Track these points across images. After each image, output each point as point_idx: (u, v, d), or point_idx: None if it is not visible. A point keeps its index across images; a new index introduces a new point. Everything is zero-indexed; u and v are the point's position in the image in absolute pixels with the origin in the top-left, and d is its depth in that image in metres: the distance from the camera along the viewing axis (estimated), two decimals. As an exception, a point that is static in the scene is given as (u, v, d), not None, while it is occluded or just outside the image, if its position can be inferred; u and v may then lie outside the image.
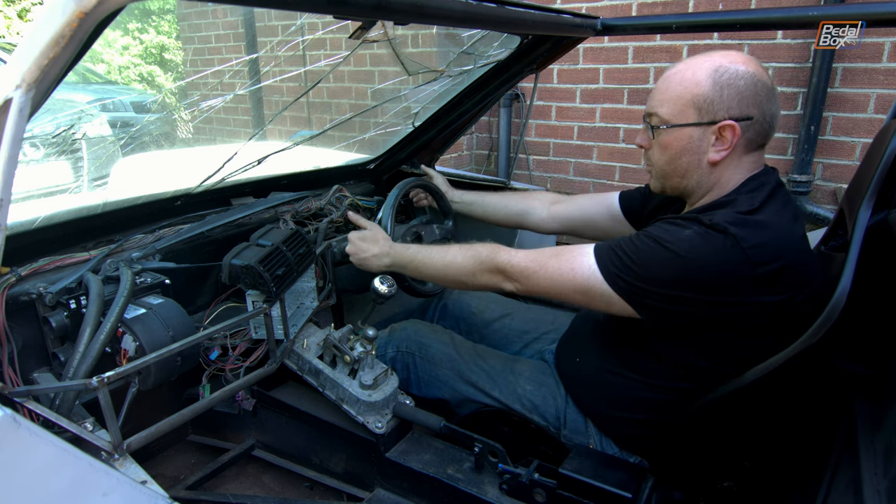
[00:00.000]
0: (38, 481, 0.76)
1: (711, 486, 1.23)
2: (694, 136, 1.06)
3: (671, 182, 1.15)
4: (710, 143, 1.06)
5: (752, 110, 1.02)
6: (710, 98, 1.03)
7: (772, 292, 0.98)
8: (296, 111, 4.54)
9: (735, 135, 1.03)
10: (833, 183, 2.81)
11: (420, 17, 0.96)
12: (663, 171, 1.14)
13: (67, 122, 1.85)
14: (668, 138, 1.09)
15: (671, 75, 1.09)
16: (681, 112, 1.06)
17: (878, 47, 2.53)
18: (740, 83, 1.01)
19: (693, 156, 1.08)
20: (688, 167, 1.10)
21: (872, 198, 1.00)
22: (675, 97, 1.07)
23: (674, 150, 1.10)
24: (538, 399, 1.32)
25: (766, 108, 1.03)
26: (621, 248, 1.05)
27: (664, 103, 1.09)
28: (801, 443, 1.17)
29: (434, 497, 1.26)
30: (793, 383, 1.04)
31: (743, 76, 1.01)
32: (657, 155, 1.14)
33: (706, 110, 1.04)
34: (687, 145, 1.08)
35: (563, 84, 3.45)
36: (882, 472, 0.84)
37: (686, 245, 0.98)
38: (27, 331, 1.09)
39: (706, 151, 1.07)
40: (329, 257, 1.55)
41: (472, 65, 1.76)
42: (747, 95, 1.01)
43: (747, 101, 1.02)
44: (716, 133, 1.04)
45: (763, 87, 1.02)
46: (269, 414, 1.52)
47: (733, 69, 1.02)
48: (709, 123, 1.04)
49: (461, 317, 1.70)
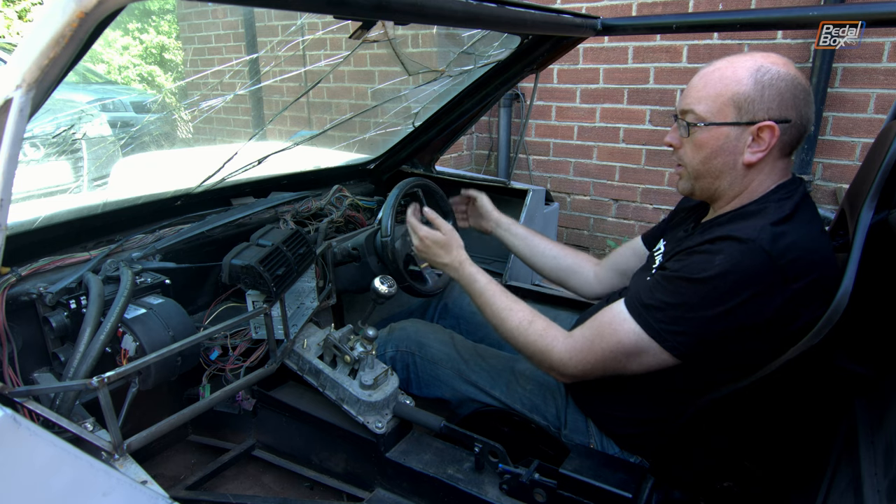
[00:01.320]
0: (38, 481, 0.76)
1: (711, 486, 1.23)
2: (731, 135, 1.04)
3: (702, 183, 1.11)
4: (747, 143, 1.03)
5: (791, 113, 1.00)
6: (751, 97, 1.00)
7: (805, 306, 0.97)
8: (296, 111, 4.54)
9: (773, 136, 1.01)
10: (833, 183, 2.81)
11: (420, 17, 0.96)
12: (696, 171, 1.11)
13: (67, 122, 1.85)
14: (704, 137, 1.06)
15: (709, 73, 1.06)
16: (719, 110, 1.04)
17: (878, 47, 2.53)
18: (781, 84, 0.99)
19: (728, 156, 1.05)
20: (722, 168, 1.07)
21: (874, 198, 1.00)
22: (713, 94, 1.04)
23: (709, 149, 1.07)
24: (538, 399, 1.32)
25: (803, 111, 1.01)
26: (652, 297, 1.03)
27: (701, 101, 1.06)
28: (802, 443, 1.17)
29: (434, 497, 1.26)
30: (793, 383, 1.04)
31: (784, 77, 1.00)
32: (690, 154, 1.10)
33: (746, 109, 1.01)
34: (723, 145, 1.05)
35: (563, 84, 3.45)
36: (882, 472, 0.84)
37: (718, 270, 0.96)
38: (27, 331, 1.09)
39: (742, 152, 1.04)
40: (329, 257, 1.55)
41: (472, 65, 1.76)
42: (787, 97, 0.99)
43: (787, 104, 1.00)
44: (753, 134, 1.02)
45: (802, 91, 1.00)
46: (269, 414, 1.52)
47: (775, 70, 1.00)
48: (748, 123, 1.01)
49: (462, 316, 1.70)
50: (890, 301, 1.06)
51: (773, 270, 0.94)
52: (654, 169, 3.29)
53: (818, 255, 0.97)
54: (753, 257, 0.94)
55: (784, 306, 0.96)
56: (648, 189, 3.35)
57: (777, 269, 0.94)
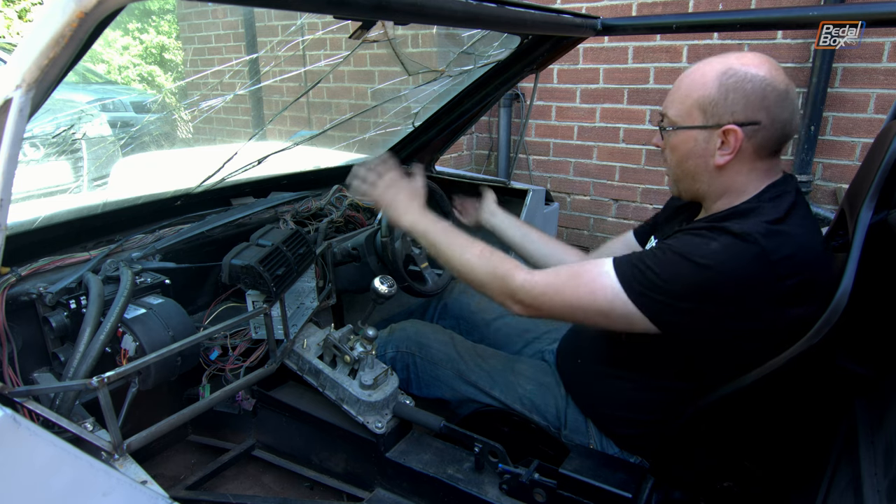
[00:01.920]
0: (38, 481, 0.76)
1: (711, 486, 1.23)
2: (699, 138, 1.04)
3: (683, 185, 1.13)
4: (716, 146, 1.03)
5: (759, 115, 0.99)
6: (715, 100, 1.00)
7: (795, 304, 0.96)
8: (296, 111, 4.54)
9: (738, 140, 1.00)
10: (833, 183, 2.81)
11: (420, 17, 0.96)
12: (675, 174, 1.12)
13: (67, 122, 1.85)
14: (676, 140, 1.08)
15: (683, 76, 1.07)
16: (687, 114, 1.04)
17: (878, 47, 2.53)
18: (747, 86, 0.98)
19: (699, 159, 1.06)
20: (696, 170, 1.07)
21: (874, 198, 1.00)
22: (683, 97, 1.05)
23: (681, 152, 1.08)
24: (539, 399, 1.32)
25: (775, 113, 0.99)
26: (644, 263, 1.01)
27: (674, 104, 1.07)
28: (801, 443, 1.17)
29: (434, 497, 1.26)
30: (793, 383, 1.04)
31: (752, 80, 0.98)
32: (669, 156, 1.11)
33: (711, 113, 1.01)
34: (693, 148, 1.05)
35: (563, 84, 3.45)
36: (882, 472, 0.84)
37: (714, 258, 0.95)
38: (27, 331, 1.09)
39: (712, 155, 1.04)
40: (329, 257, 1.55)
41: (472, 65, 1.76)
42: (754, 100, 0.98)
43: (754, 106, 0.98)
44: (721, 137, 1.02)
45: (773, 92, 0.98)
46: (269, 414, 1.52)
47: (742, 72, 0.99)
48: (713, 127, 1.01)
49: (462, 315, 1.70)
50: (889, 301, 1.06)
51: (765, 265, 0.94)
52: (654, 169, 3.29)
53: (812, 254, 0.97)
54: (748, 250, 0.95)
55: (773, 302, 0.96)
56: (648, 189, 3.35)
57: (770, 265, 0.94)
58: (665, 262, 0.99)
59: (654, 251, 1.03)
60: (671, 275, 0.98)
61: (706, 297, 0.97)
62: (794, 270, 0.95)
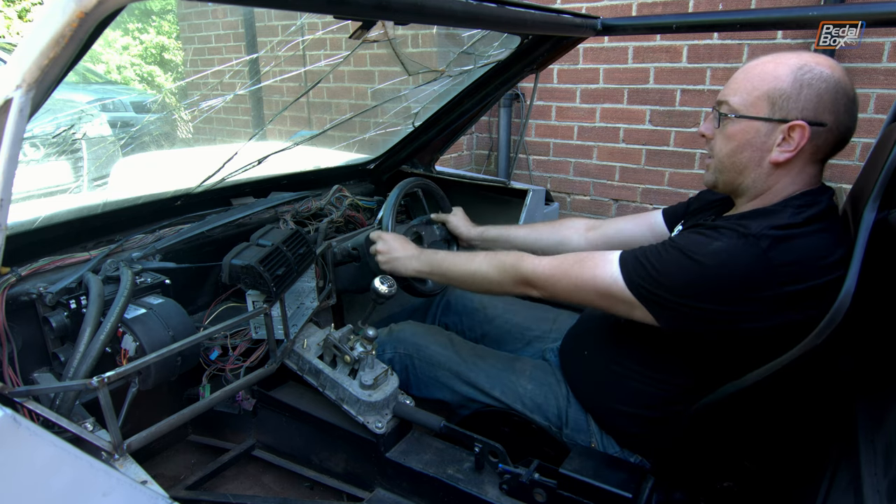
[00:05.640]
0: (38, 481, 0.76)
1: (712, 486, 1.23)
2: (761, 130, 1.02)
3: (726, 176, 1.10)
4: (776, 141, 1.01)
5: (828, 117, 0.97)
6: (788, 94, 0.98)
7: (795, 311, 0.96)
8: (296, 111, 4.54)
9: (803, 137, 0.98)
10: (834, 183, 2.81)
11: (420, 17, 0.96)
12: (722, 164, 1.09)
13: (67, 122, 1.85)
14: (735, 129, 1.05)
15: (752, 66, 1.04)
16: (753, 104, 1.02)
17: (878, 47, 2.53)
18: (822, 86, 0.96)
19: (755, 152, 1.04)
20: (747, 163, 1.05)
21: (877, 199, 1.00)
22: (750, 87, 1.03)
23: (737, 142, 1.05)
24: (540, 398, 1.32)
25: (842, 118, 0.98)
26: (646, 256, 1.04)
27: (737, 92, 1.04)
28: (802, 443, 1.17)
29: (434, 497, 1.26)
30: (794, 383, 1.04)
31: (826, 80, 0.96)
32: (719, 145, 1.09)
33: (780, 106, 0.99)
34: (751, 139, 1.03)
35: (563, 84, 3.45)
36: (882, 472, 0.84)
37: (712, 257, 0.96)
38: (27, 331, 1.09)
39: (770, 150, 1.02)
40: (329, 257, 1.55)
41: (472, 65, 1.76)
42: (826, 100, 0.96)
43: (825, 106, 0.96)
44: (784, 132, 0.99)
45: (844, 96, 0.97)
46: (269, 414, 1.52)
47: (818, 71, 0.97)
48: (779, 121, 0.99)
49: (464, 313, 1.70)
50: (891, 301, 1.06)
51: (764, 268, 0.94)
52: (654, 169, 3.29)
53: (822, 263, 0.96)
54: (747, 251, 0.94)
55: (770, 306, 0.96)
56: (648, 189, 3.35)
57: (769, 269, 0.93)
58: (665, 257, 1.02)
59: (658, 246, 1.05)
60: (668, 270, 1.00)
61: (701, 294, 0.97)
62: (796, 278, 0.94)
